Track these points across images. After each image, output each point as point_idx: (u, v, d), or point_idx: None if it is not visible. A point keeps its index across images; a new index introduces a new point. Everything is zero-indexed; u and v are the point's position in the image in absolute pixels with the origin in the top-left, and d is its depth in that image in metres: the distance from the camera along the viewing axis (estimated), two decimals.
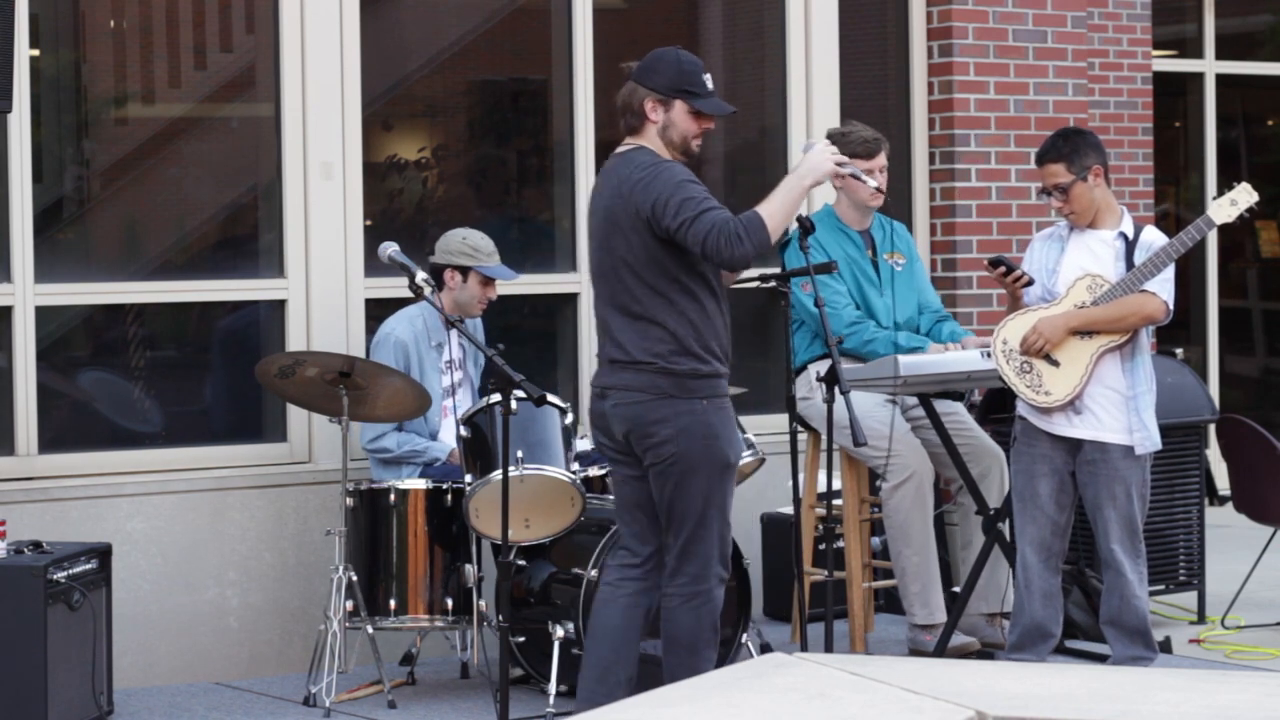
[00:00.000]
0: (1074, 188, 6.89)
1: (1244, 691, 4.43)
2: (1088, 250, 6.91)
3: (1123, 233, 6.90)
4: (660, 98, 6.17)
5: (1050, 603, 7.01)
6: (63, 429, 7.72)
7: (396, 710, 7.13)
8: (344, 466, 7.24)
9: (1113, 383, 6.84)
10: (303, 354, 7.43)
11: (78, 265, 7.83)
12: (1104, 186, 6.94)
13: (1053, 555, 6.99)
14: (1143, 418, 6.85)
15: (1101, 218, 6.94)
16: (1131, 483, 6.86)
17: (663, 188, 6.05)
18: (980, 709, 4.18)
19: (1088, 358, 6.81)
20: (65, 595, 6.69)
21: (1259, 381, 12.63)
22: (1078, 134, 7.00)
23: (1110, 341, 6.80)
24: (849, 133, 7.77)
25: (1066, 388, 6.84)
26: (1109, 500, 6.86)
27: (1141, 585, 6.96)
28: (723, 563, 6.25)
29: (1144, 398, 6.86)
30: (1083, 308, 6.82)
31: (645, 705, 4.33)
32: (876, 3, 9.35)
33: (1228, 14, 11.72)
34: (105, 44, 8.11)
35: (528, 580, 7.29)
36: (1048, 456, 6.93)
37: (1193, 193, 11.82)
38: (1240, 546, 9.12)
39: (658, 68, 6.20)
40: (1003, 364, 6.93)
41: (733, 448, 6.20)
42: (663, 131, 6.19)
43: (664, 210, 6.02)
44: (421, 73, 8.77)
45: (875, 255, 7.85)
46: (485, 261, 7.56)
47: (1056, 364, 6.85)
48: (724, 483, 6.19)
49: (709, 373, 6.14)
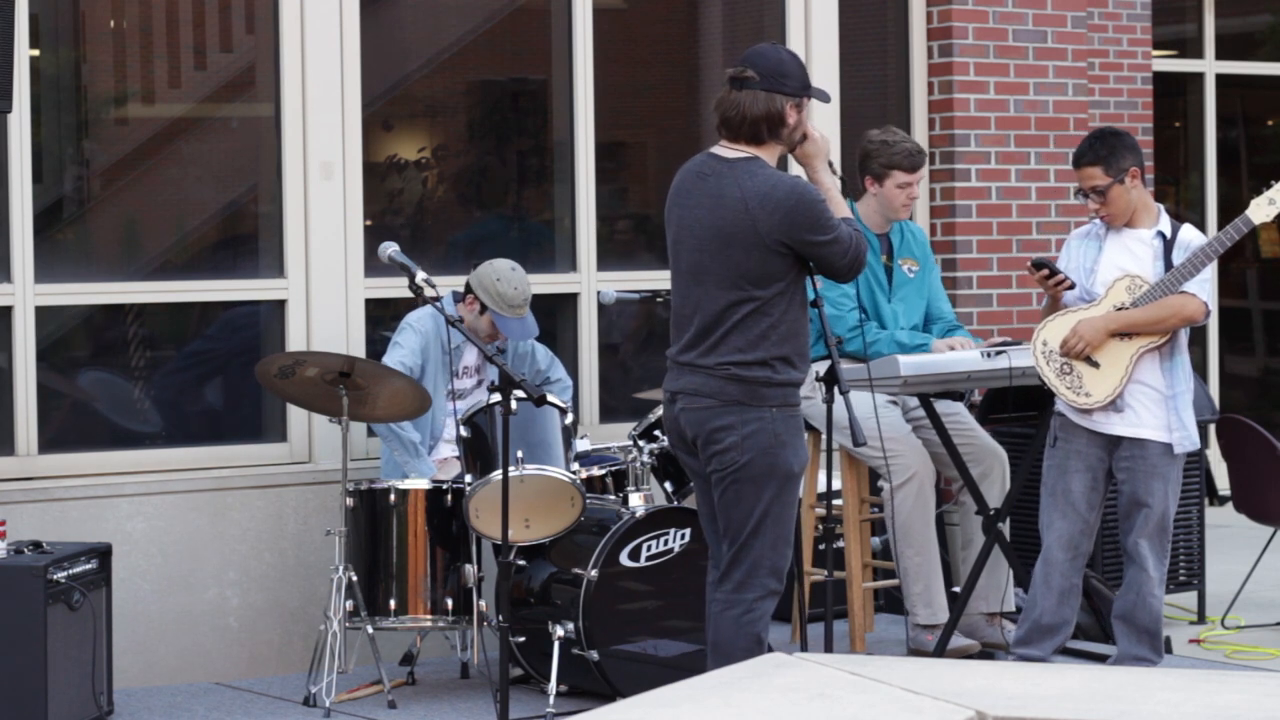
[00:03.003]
0: (1111, 190, 6.88)
1: (1244, 691, 4.43)
2: (1126, 250, 6.90)
3: (1160, 231, 6.89)
4: (797, 102, 6.07)
5: (1066, 601, 7.00)
6: (63, 429, 7.73)
7: (396, 710, 7.13)
8: (344, 466, 7.24)
9: (1152, 381, 6.84)
10: (303, 354, 7.43)
11: (78, 265, 7.83)
12: (1141, 187, 6.93)
13: (1079, 554, 6.99)
14: (1181, 417, 6.85)
15: (1138, 217, 6.94)
16: (1169, 480, 6.87)
17: (810, 210, 5.98)
18: (980, 709, 4.18)
19: (1128, 359, 6.81)
20: (65, 595, 6.69)
21: (1259, 381, 12.62)
22: (1114, 135, 6.96)
23: (1150, 342, 6.80)
24: (893, 142, 7.71)
25: (1106, 389, 6.83)
26: (1146, 495, 6.86)
27: (1161, 586, 6.96)
28: (773, 575, 6.14)
29: (1182, 397, 6.86)
30: (1122, 309, 6.81)
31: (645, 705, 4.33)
32: (876, 3, 9.35)
33: (1228, 14, 11.72)
34: (105, 44, 8.11)
35: (528, 580, 7.29)
36: (1083, 453, 6.93)
37: (1193, 193, 11.82)
38: (1240, 546, 9.12)
39: (785, 70, 6.05)
40: (1042, 365, 6.92)
41: (799, 456, 6.08)
42: (788, 136, 6.09)
43: (809, 226, 5.97)
44: (421, 73, 8.77)
45: (891, 260, 7.85)
46: (503, 313, 7.44)
47: (1096, 365, 6.85)
48: (784, 494, 6.08)
49: (781, 381, 6.06)
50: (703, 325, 6.06)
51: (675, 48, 9.43)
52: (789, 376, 6.07)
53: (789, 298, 6.04)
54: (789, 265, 6.01)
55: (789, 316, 6.05)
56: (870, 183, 7.76)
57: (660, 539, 7.12)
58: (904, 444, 7.62)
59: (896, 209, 7.76)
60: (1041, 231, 9.20)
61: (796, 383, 6.09)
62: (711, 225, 6.02)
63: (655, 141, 9.30)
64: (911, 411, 7.77)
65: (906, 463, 7.59)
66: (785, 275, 6.02)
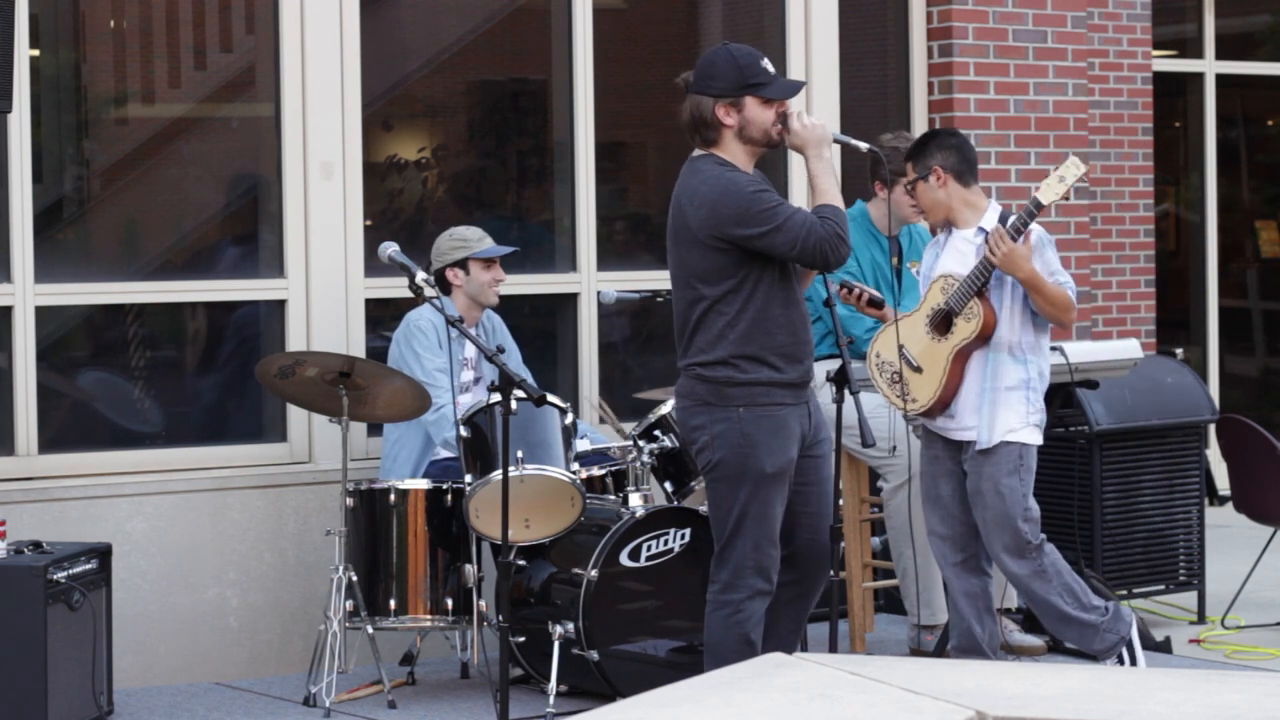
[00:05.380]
0: (917, 186, 6.92)
1: (1244, 691, 4.43)
2: (955, 251, 6.89)
3: (981, 228, 6.86)
4: (730, 101, 6.08)
5: (974, 602, 6.92)
6: (63, 429, 7.73)
7: (396, 710, 7.13)
8: (344, 466, 7.24)
9: (976, 381, 6.80)
10: (303, 354, 7.43)
11: (78, 265, 7.83)
12: (953, 186, 6.87)
13: (970, 555, 6.90)
14: (981, 413, 6.76)
15: (960, 216, 6.89)
16: (998, 479, 6.76)
17: (734, 203, 6.00)
18: (980, 709, 4.18)
19: (944, 359, 6.78)
20: (65, 595, 6.69)
21: (1259, 381, 12.63)
22: (932, 135, 7.02)
23: (963, 340, 6.74)
24: (904, 149, 7.71)
25: (928, 392, 6.82)
26: (978, 503, 6.81)
27: (1041, 579, 6.77)
28: (759, 574, 6.15)
29: (988, 394, 6.77)
30: (938, 309, 6.78)
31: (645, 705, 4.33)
32: (876, 3, 9.35)
33: (1228, 14, 11.72)
34: (105, 44, 8.11)
35: (528, 580, 7.29)
36: (943, 458, 6.90)
37: (1193, 193, 11.82)
38: (1240, 546, 9.12)
39: (715, 72, 6.09)
40: (876, 376, 6.95)
41: (773, 456, 6.08)
42: (740, 133, 6.10)
43: (736, 220, 5.98)
44: (421, 73, 8.78)
45: (900, 263, 7.85)
46: (477, 247, 7.62)
47: (919, 370, 6.84)
48: (759, 492, 6.09)
49: (745, 380, 6.09)
50: (678, 327, 6.20)
51: (675, 48, 9.43)
52: (757, 376, 6.08)
53: (746, 295, 6.06)
54: (736, 262, 6.04)
55: (748, 314, 6.07)
56: (879, 188, 7.76)
57: (660, 539, 7.12)
58: (903, 445, 7.61)
59: (907, 214, 7.75)
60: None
61: (769, 382, 6.09)
62: (669, 227, 6.17)
63: (655, 141, 9.30)
64: None
65: (905, 464, 7.59)
66: (736, 272, 6.05)
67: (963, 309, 6.71)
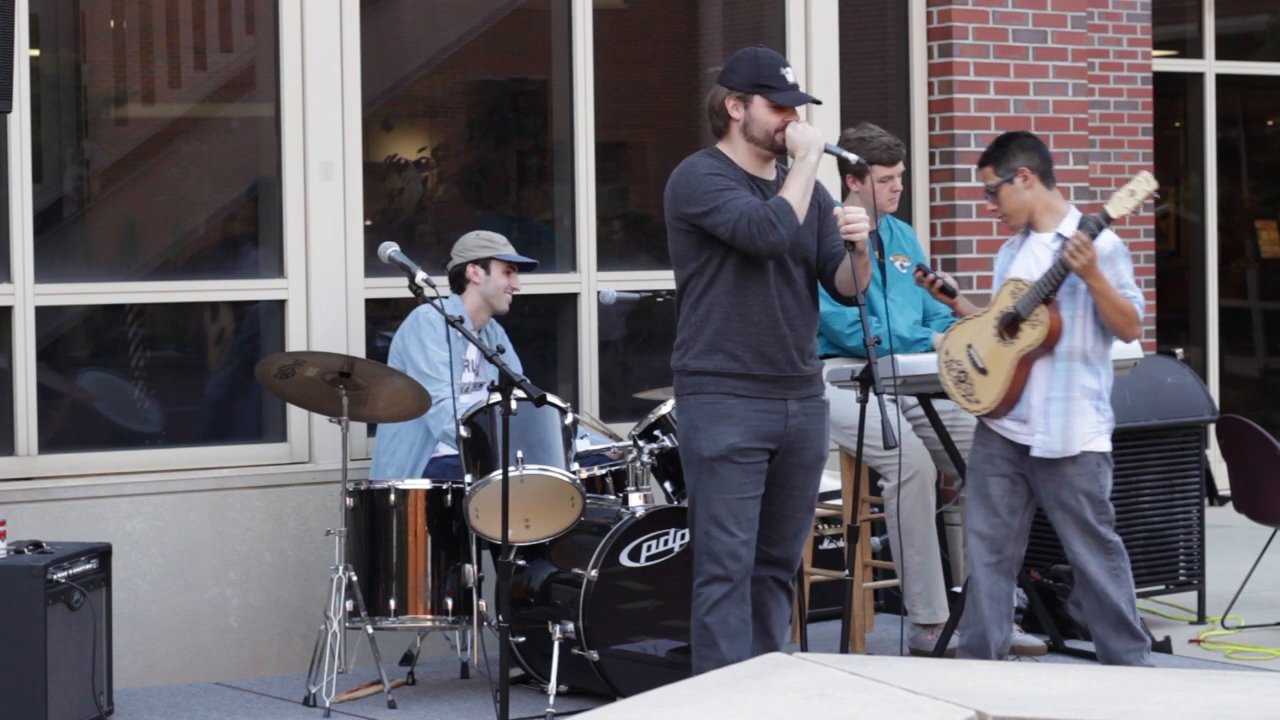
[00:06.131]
0: (1000, 190, 6.89)
1: (1244, 691, 4.43)
2: (1031, 255, 6.89)
3: (1059, 234, 6.86)
4: (740, 96, 6.24)
5: (996, 606, 6.92)
6: (63, 429, 7.73)
7: (396, 710, 7.13)
8: (344, 466, 7.24)
9: (1048, 388, 6.79)
10: (303, 354, 7.43)
11: (78, 265, 7.83)
12: (1038, 188, 6.87)
13: (1004, 558, 6.88)
14: (1051, 423, 6.77)
15: (1041, 220, 6.89)
16: (1078, 487, 6.79)
17: (684, 183, 6.18)
18: (980, 709, 4.18)
19: (1008, 363, 6.78)
20: (65, 595, 6.69)
21: (1259, 381, 12.63)
22: (1011, 137, 6.99)
23: (1028, 347, 6.74)
24: (869, 138, 7.74)
25: (991, 394, 6.82)
26: (1057, 506, 6.83)
27: (1114, 580, 6.85)
28: (711, 559, 6.20)
29: (1057, 404, 6.77)
30: (1006, 313, 6.78)
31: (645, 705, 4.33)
32: (876, 3, 9.35)
33: (1228, 14, 11.72)
34: (105, 44, 8.11)
35: (528, 580, 7.29)
36: (998, 457, 6.90)
37: (1193, 193, 11.82)
38: (1240, 546, 9.12)
39: (736, 66, 6.29)
40: (943, 373, 6.95)
41: (711, 441, 6.15)
42: (745, 129, 6.25)
43: (685, 199, 6.16)
44: (421, 73, 8.78)
45: (883, 257, 7.85)
46: (503, 250, 7.62)
47: (984, 371, 6.84)
48: (706, 478, 6.16)
49: (696, 369, 6.20)
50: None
51: (675, 48, 9.44)
52: (702, 365, 6.19)
53: (707, 279, 6.19)
54: (696, 244, 6.18)
55: (706, 301, 6.19)
56: (852, 181, 7.79)
57: (660, 539, 7.12)
58: (904, 444, 7.61)
59: (882, 203, 7.78)
60: None
61: (723, 372, 6.17)
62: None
63: (655, 141, 9.30)
64: (911, 410, 7.77)
65: (906, 462, 7.59)
66: (698, 255, 6.19)
67: (1029, 314, 6.72)
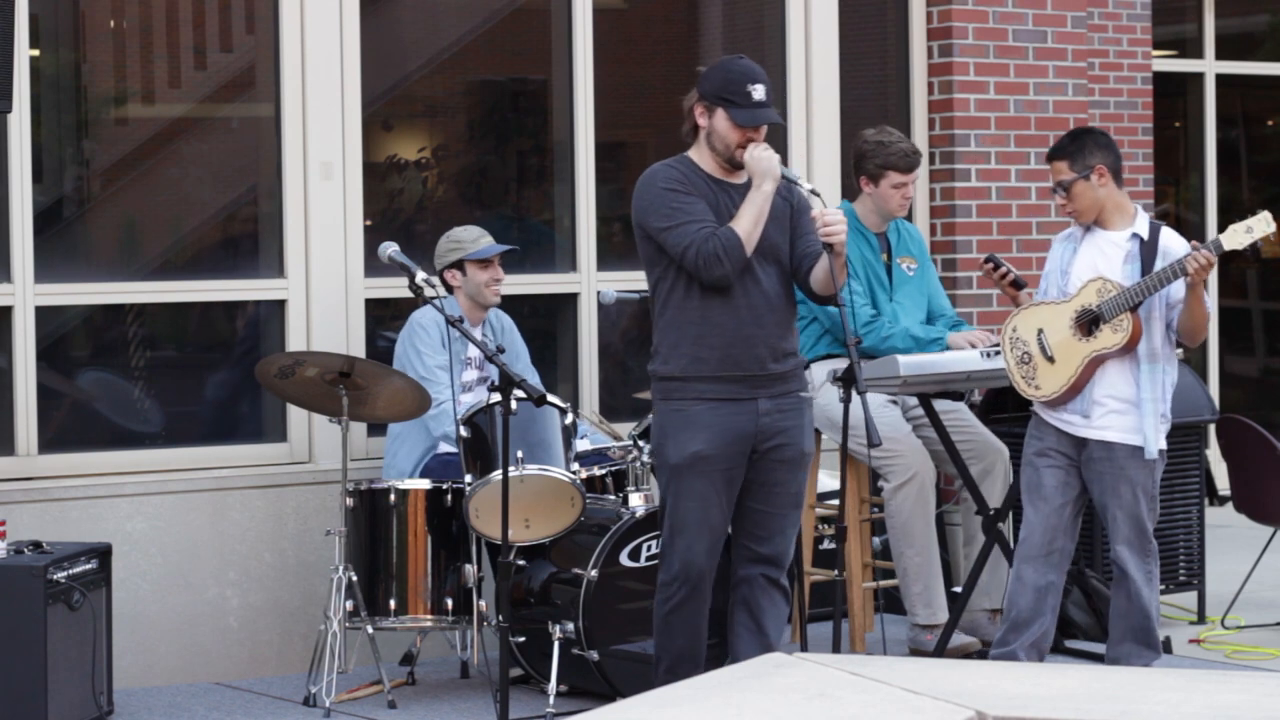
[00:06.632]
0: (1075, 185, 6.89)
1: (1244, 691, 4.43)
2: (1099, 251, 6.89)
3: (1136, 234, 6.88)
4: (706, 104, 6.25)
5: (1043, 598, 6.96)
6: (63, 429, 7.73)
7: (396, 710, 7.13)
8: (344, 466, 7.24)
9: (1121, 387, 6.82)
10: (303, 354, 7.43)
11: (78, 265, 7.83)
12: (1111, 186, 6.91)
13: (1054, 551, 6.94)
14: (1144, 422, 6.83)
15: (1110, 218, 6.91)
16: (1135, 483, 6.84)
17: (645, 195, 6.23)
18: (980, 709, 4.18)
19: (1080, 359, 6.80)
20: (65, 595, 6.69)
21: (1259, 381, 12.62)
22: (1087, 133, 7.00)
23: (1105, 349, 6.78)
24: (888, 143, 7.72)
25: (1055, 384, 6.84)
26: (1113, 499, 6.86)
27: (1149, 584, 6.93)
28: (675, 562, 6.27)
29: (1147, 404, 6.82)
30: (1085, 310, 6.79)
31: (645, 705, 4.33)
32: (876, 3, 9.35)
33: (1228, 14, 11.72)
34: (105, 44, 8.11)
35: (528, 580, 7.29)
36: (1054, 450, 6.92)
37: (1193, 193, 11.82)
38: (1240, 546, 9.12)
39: (709, 73, 6.30)
40: (1007, 350, 6.96)
41: (678, 448, 6.20)
42: (708, 139, 6.27)
43: (643, 210, 6.23)
44: (421, 73, 8.77)
45: (890, 259, 7.85)
46: (471, 248, 7.63)
47: (1052, 360, 6.86)
48: (674, 482, 6.24)
49: (665, 374, 6.25)
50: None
51: (675, 48, 9.43)
52: (670, 370, 6.26)
53: (670, 284, 6.26)
54: (658, 250, 6.24)
55: (671, 305, 6.27)
56: (865, 183, 7.77)
57: (660, 539, 7.12)
58: (904, 444, 7.62)
59: (893, 209, 7.77)
60: (1041, 231, 9.20)
61: (685, 376, 6.22)
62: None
63: (655, 141, 9.29)
64: (911, 411, 7.77)
65: (907, 463, 7.59)
66: (660, 261, 6.26)
67: (1113, 318, 6.74)
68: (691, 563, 6.25)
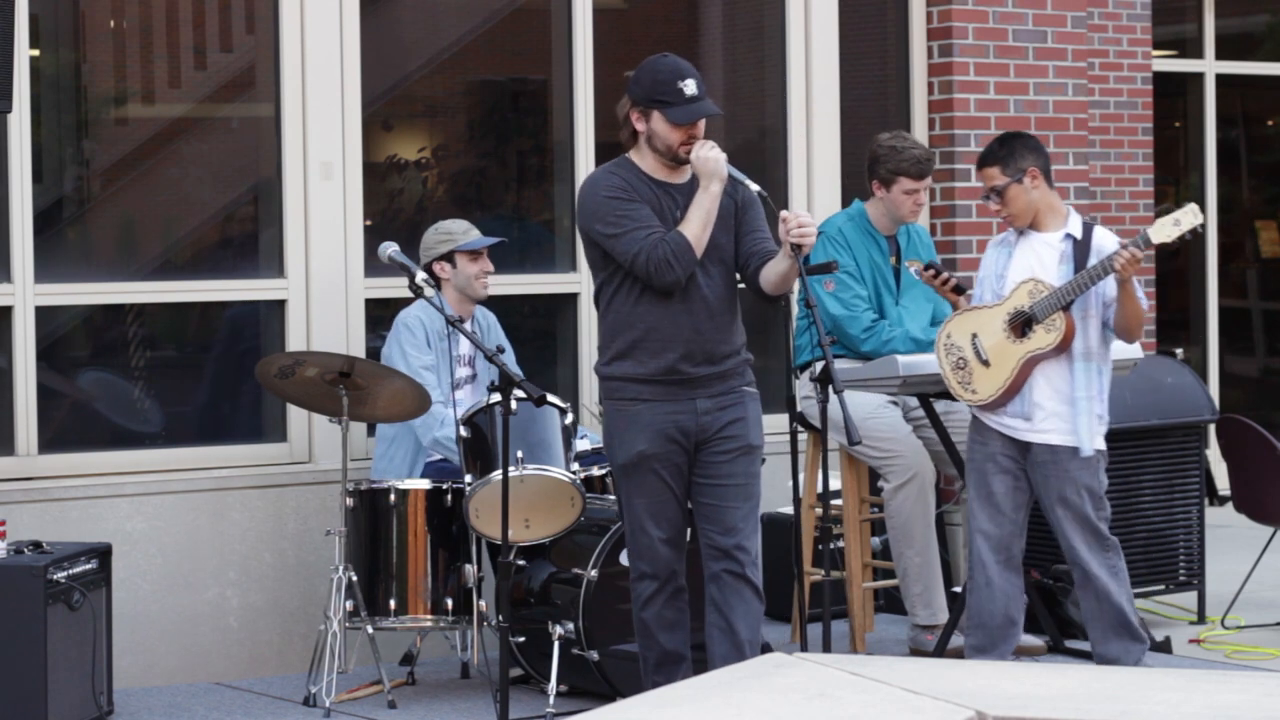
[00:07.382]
0: (1009, 190, 6.89)
1: (1244, 691, 4.43)
2: (1033, 254, 6.90)
3: (1069, 234, 6.87)
4: (640, 109, 6.26)
5: (1012, 603, 6.96)
6: (63, 429, 7.73)
7: (396, 710, 7.13)
8: (344, 466, 7.24)
9: (1060, 386, 6.82)
10: (303, 354, 7.43)
11: (78, 265, 7.83)
12: (1044, 188, 6.90)
13: (1011, 556, 6.94)
14: (1078, 421, 6.80)
15: (1044, 220, 6.90)
16: (1082, 483, 6.83)
17: (589, 201, 6.26)
18: (980, 709, 4.19)
19: (1014, 361, 6.80)
20: (65, 595, 6.69)
21: (1259, 381, 12.62)
22: (1015, 137, 7.01)
23: (1039, 349, 6.77)
24: (902, 149, 7.70)
25: (991, 388, 6.84)
26: (1060, 503, 6.85)
27: (1114, 578, 6.90)
28: (637, 557, 6.34)
29: (1081, 403, 6.80)
30: (1019, 312, 6.79)
31: (645, 705, 4.33)
32: (876, 3, 9.35)
33: (1228, 14, 11.72)
34: (105, 44, 8.11)
35: (528, 580, 7.29)
36: (999, 455, 6.92)
37: (1193, 193, 11.82)
38: (1240, 546, 9.12)
39: (638, 78, 6.29)
40: (941, 356, 6.97)
41: (624, 448, 6.26)
42: (649, 141, 6.28)
43: (587, 215, 6.25)
44: (421, 73, 8.78)
45: (898, 262, 7.85)
46: (462, 240, 7.62)
47: (987, 364, 6.85)
48: (625, 482, 6.32)
49: (607, 375, 6.33)
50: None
51: (675, 48, 9.38)
52: (613, 370, 6.31)
53: (615, 287, 6.29)
54: (603, 255, 6.27)
55: (614, 308, 6.31)
56: (877, 187, 7.76)
57: None
58: (904, 444, 7.62)
59: (904, 214, 7.76)
60: None
61: (626, 377, 6.27)
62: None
63: None
64: (911, 411, 7.77)
65: (907, 463, 7.59)
66: (604, 266, 6.30)
67: (1046, 318, 6.73)
68: (655, 558, 6.31)
